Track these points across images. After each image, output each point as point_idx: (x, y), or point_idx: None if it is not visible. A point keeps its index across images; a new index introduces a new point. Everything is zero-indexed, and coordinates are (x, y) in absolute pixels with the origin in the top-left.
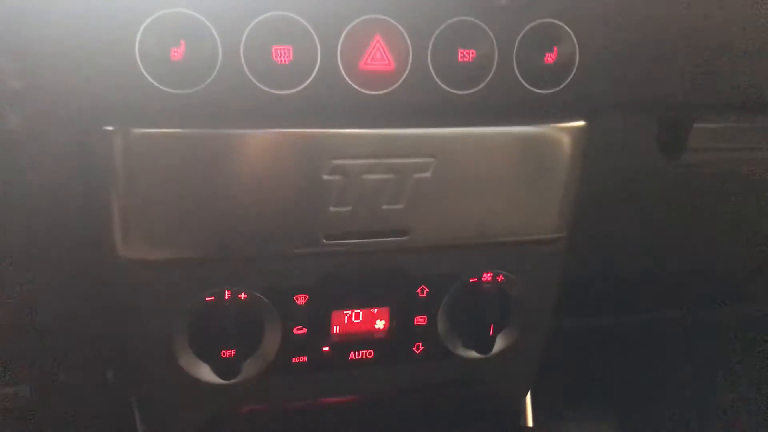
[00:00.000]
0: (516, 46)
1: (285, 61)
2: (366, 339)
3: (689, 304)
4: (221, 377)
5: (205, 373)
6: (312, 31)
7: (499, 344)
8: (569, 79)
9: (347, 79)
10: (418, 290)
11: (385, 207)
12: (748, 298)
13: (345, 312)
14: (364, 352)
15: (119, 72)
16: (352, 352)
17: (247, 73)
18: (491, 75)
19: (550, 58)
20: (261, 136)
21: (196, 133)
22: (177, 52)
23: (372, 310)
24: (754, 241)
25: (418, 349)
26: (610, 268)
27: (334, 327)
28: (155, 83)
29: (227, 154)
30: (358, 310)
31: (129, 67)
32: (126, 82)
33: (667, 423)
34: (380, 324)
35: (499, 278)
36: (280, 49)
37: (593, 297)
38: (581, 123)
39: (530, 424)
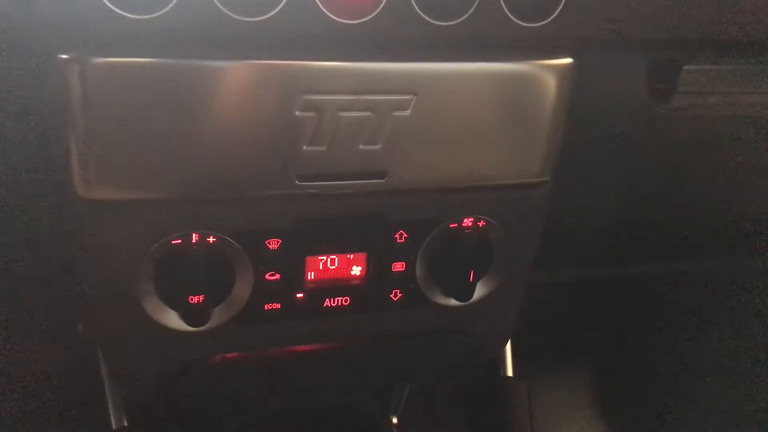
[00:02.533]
0: None
1: None
2: (341, 285)
3: (675, 255)
4: (189, 324)
5: (173, 320)
6: None
7: (479, 292)
8: (557, 12)
9: (321, 5)
10: (396, 235)
11: (361, 147)
12: (736, 249)
13: (320, 257)
14: (339, 299)
15: None
16: (327, 299)
17: None
18: (475, 5)
19: None
20: (228, 68)
21: (158, 63)
22: None
23: (348, 255)
24: (746, 188)
25: (395, 296)
26: (596, 214)
27: (309, 273)
28: (112, 7)
29: (192, 87)
30: (334, 256)
31: None
32: (81, 6)
33: (645, 375)
34: (356, 270)
35: (481, 223)
36: None
37: (577, 245)
38: (568, 60)
39: (510, 374)
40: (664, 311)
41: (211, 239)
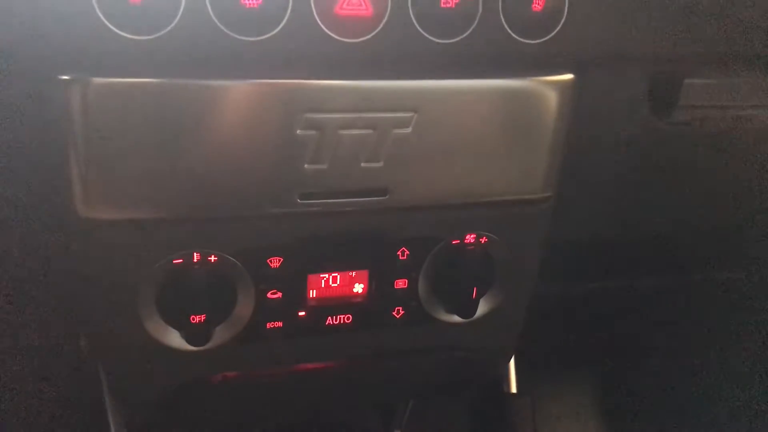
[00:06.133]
0: None
1: (254, 4)
2: (344, 303)
3: (678, 267)
4: (191, 344)
5: (175, 340)
6: None
7: (482, 308)
8: (558, 28)
9: (321, 25)
10: (398, 252)
11: (363, 165)
12: (738, 260)
13: (321, 275)
14: (341, 316)
15: (74, 16)
16: (329, 317)
17: (213, 17)
18: (476, 23)
19: (538, 4)
20: (229, 87)
21: (159, 84)
22: None
23: (350, 273)
24: (748, 201)
25: (398, 313)
26: (598, 229)
27: (311, 291)
28: (113, 28)
29: (194, 107)
30: (336, 273)
31: (85, 10)
32: (82, 27)
33: (651, 389)
34: (358, 288)
35: (483, 240)
36: None
37: (580, 260)
38: (570, 76)
39: (514, 390)
40: (668, 323)
41: (212, 258)
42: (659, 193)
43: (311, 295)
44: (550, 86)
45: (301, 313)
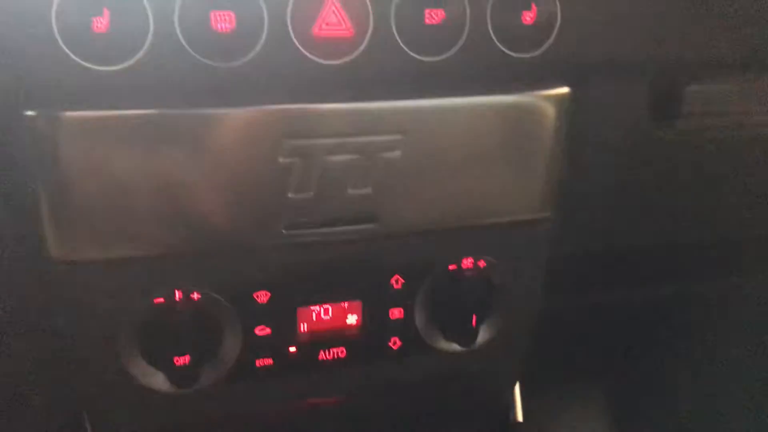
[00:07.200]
0: (490, 4)
1: (226, 29)
2: (337, 336)
3: (685, 281)
4: (177, 386)
5: (159, 382)
6: None
7: (482, 335)
8: (550, 40)
9: (300, 47)
10: (392, 281)
11: (350, 191)
12: (743, 271)
13: (312, 308)
14: (335, 350)
15: (35, 47)
16: (322, 352)
17: (184, 44)
18: (463, 38)
19: (528, 17)
20: (205, 116)
21: (130, 116)
22: (100, 23)
23: (342, 304)
24: (753, 211)
25: (394, 344)
26: (601, 247)
27: (301, 325)
28: (77, 59)
29: (168, 138)
30: (327, 306)
31: (46, 40)
32: (44, 59)
33: (662, 413)
34: (352, 319)
35: (481, 264)
36: (220, 14)
37: (583, 279)
38: (565, 90)
39: (520, 419)
40: (675, 338)
41: (195, 296)
42: (663, 207)
43: (302, 330)
44: (545, 101)
45: (292, 349)
